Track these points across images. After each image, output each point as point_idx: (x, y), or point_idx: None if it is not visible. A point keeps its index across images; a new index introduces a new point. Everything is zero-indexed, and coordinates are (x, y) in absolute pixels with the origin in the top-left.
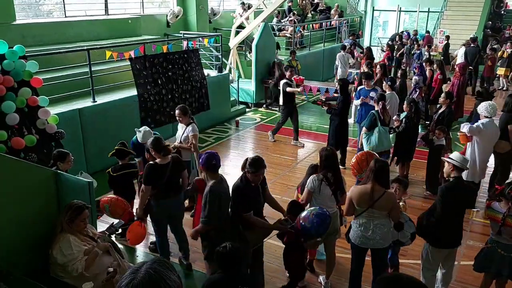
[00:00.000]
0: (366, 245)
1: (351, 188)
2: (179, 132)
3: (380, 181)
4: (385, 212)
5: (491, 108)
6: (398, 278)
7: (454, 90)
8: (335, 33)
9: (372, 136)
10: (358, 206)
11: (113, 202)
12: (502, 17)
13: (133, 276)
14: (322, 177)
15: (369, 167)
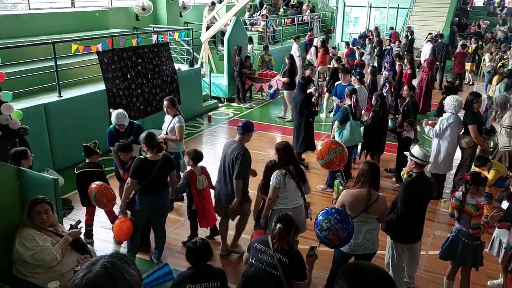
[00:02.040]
0: (356, 252)
1: (343, 192)
2: (165, 123)
3: (375, 185)
4: (377, 216)
5: (457, 104)
6: (362, 266)
7: (422, 85)
8: (306, 28)
9: (344, 130)
10: (351, 211)
11: (101, 190)
12: (468, 14)
13: (88, 269)
14: (285, 171)
15: (362, 170)
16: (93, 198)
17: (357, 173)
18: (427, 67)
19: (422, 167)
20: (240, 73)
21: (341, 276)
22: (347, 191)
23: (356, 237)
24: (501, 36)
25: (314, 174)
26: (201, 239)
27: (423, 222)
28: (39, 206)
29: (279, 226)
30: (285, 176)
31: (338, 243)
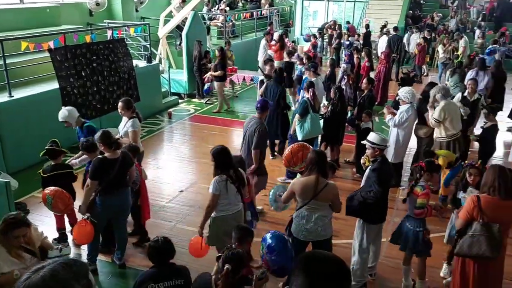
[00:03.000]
0: (308, 238)
1: (293, 180)
2: (121, 124)
3: (323, 172)
4: (327, 203)
5: (410, 94)
6: (315, 255)
7: (380, 77)
8: (266, 23)
9: (305, 123)
10: (301, 198)
11: (57, 195)
12: (421, 6)
13: (30, 274)
14: (226, 176)
15: (310, 158)
16: (48, 205)
17: (306, 162)
18: (384, 59)
19: (383, 151)
20: (200, 68)
21: (296, 266)
22: (296, 180)
23: (307, 223)
24: (453, 28)
25: (275, 165)
26: (163, 237)
27: (386, 203)
28: (18, 231)
29: (227, 268)
30: (226, 182)
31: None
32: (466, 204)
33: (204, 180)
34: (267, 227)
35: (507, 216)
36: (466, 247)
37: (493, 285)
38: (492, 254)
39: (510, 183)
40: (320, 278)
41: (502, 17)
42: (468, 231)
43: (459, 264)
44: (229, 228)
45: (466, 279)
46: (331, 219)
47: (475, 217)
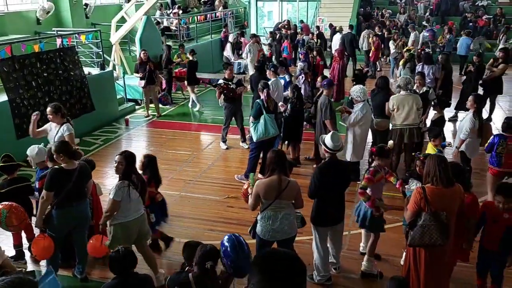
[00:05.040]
0: (275, 238)
1: (256, 182)
2: (51, 132)
3: (284, 171)
4: (291, 201)
5: (361, 93)
6: (271, 254)
7: (335, 74)
8: (221, 24)
9: (258, 124)
10: (265, 199)
11: (12, 210)
12: (371, 4)
13: None
14: (128, 182)
15: (270, 158)
16: (2, 221)
17: (266, 162)
18: (337, 56)
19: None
20: (169, 73)
21: (253, 266)
22: (259, 181)
23: (273, 224)
24: (403, 24)
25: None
26: (123, 248)
27: (343, 204)
28: None
29: (211, 265)
30: (129, 188)
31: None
32: (413, 196)
33: (166, 186)
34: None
35: (451, 203)
36: (418, 237)
37: (443, 270)
38: (442, 241)
39: (449, 171)
40: (275, 275)
41: (447, 11)
42: (418, 222)
43: (411, 252)
44: (131, 233)
45: (418, 266)
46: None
47: (423, 208)
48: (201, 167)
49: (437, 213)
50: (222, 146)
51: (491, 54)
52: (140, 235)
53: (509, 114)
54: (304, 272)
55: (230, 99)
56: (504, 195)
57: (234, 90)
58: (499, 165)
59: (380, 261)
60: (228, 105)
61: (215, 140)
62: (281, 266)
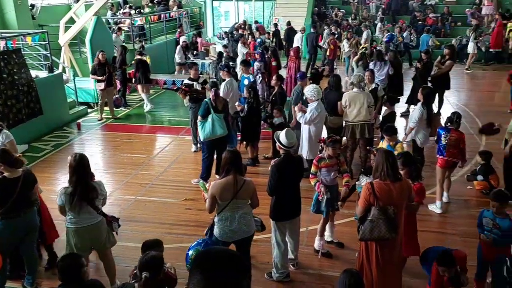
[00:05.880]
0: (233, 238)
1: (211, 184)
2: None
3: (240, 171)
4: (248, 200)
5: (315, 92)
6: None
7: (291, 73)
8: (176, 25)
9: (206, 123)
10: (222, 200)
11: None
12: (325, 3)
13: None
14: (71, 190)
15: (225, 159)
16: None
17: (221, 163)
18: (293, 55)
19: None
20: (123, 73)
21: (193, 266)
22: (215, 182)
23: (231, 224)
24: (356, 23)
25: (191, 169)
26: (71, 254)
27: (299, 198)
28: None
29: (145, 276)
30: (70, 196)
31: None
32: (363, 192)
33: (121, 190)
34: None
35: (399, 197)
36: (368, 232)
37: (395, 262)
38: (390, 235)
39: (396, 166)
40: (215, 275)
41: (398, 10)
42: (367, 217)
43: (363, 246)
44: (83, 240)
45: (370, 260)
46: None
47: (372, 203)
48: (158, 170)
49: (385, 208)
50: (192, 148)
51: (439, 51)
52: (97, 243)
53: (457, 108)
54: (246, 271)
55: (195, 99)
56: (498, 200)
57: (198, 90)
58: (442, 153)
59: (343, 248)
60: (194, 105)
61: (172, 142)
62: (222, 265)
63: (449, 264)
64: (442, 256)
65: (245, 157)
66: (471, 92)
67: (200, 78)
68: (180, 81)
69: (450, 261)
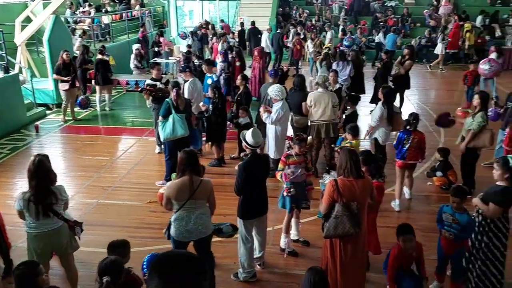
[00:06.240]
0: (189, 238)
1: (167, 184)
2: None
3: (196, 171)
4: (204, 200)
5: (280, 91)
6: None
7: (256, 73)
8: (138, 24)
9: (166, 124)
10: (177, 201)
11: None
12: (289, 4)
13: None
14: (30, 194)
15: (181, 159)
16: None
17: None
18: (258, 55)
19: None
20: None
21: (151, 270)
22: (170, 183)
23: (187, 224)
24: (319, 24)
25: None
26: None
27: (266, 196)
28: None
29: (106, 280)
30: (27, 202)
31: None
32: (327, 189)
33: (82, 194)
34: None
35: (362, 194)
36: (332, 228)
37: (357, 257)
38: (354, 230)
39: (360, 164)
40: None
41: (360, 11)
42: (331, 213)
43: (328, 244)
44: (43, 246)
45: (335, 256)
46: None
47: (336, 199)
48: (121, 173)
49: (349, 204)
50: (156, 150)
51: (400, 51)
52: (58, 249)
53: (418, 107)
54: (205, 272)
55: (159, 99)
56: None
57: (163, 89)
58: (403, 157)
59: (308, 246)
60: (157, 106)
61: (135, 144)
62: (180, 268)
63: (408, 231)
64: (402, 226)
65: (211, 158)
66: (431, 91)
67: (163, 79)
68: (143, 81)
69: (409, 230)
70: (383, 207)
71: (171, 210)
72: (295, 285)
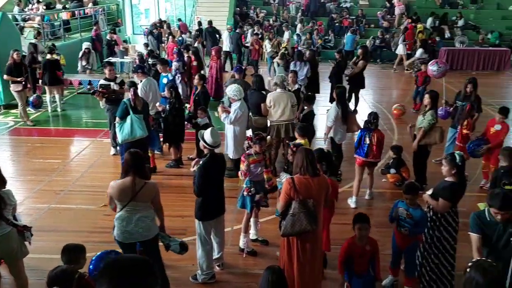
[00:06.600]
0: (130, 240)
1: (110, 183)
2: None
3: (140, 173)
4: (147, 203)
5: (237, 91)
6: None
7: (213, 73)
8: (91, 22)
9: (124, 125)
10: (120, 201)
11: None
12: (247, 4)
13: None
14: None
15: (125, 160)
16: None
17: None
18: (215, 55)
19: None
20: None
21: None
22: (112, 183)
23: (127, 225)
24: (277, 24)
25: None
26: None
27: (223, 196)
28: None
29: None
30: None
31: None
32: (284, 187)
33: (33, 199)
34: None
35: (318, 191)
36: (289, 226)
37: (315, 255)
38: (311, 227)
39: (315, 162)
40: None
41: (316, 12)
42: (288, 211)
43: (285, 242)
44: None
45: (292, 254)
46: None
47: (293, 197)
48: (74, 176)
49: (305, 201)
50: (111, 151)
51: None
52: (7, 255)
53: (373, 106)
54: (153, 275)
55: (113, 100)
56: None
57: (116, 91)
58: (365, 155)
59: (267, 246)
60: (111, 107)
61: (89, 146)
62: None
63: (364, 220)
64: (358, 215)
65: (169, 159)
66: (385, 91)
67: (117, 79)
68: (96, 81)
69: (365, 219)
70: (340, 204)
71: (116, 210)
72: (254, 285)
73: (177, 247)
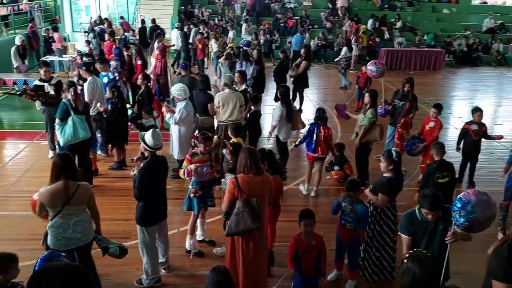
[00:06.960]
0: (70, 246)
1: (40, 190)
2: None
3: (72, 175)
4: (83, 205)
5: (182, 91)
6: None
7: (157, 72)
8: (26, 18)
9: (66, 126)
10: (52, 207)
11: None
12: (192, 2)
13: None
14: None
15: (54, 163)
16: None
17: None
18: (159, 54)
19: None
20: None
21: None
22: (43, 189)
23: (65, 232)
24: (223, 23)
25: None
26: None
27: (165, 199)
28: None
29: None
30: None
31: None
32: (228, 186)
33: None
34: None
35: (261, 189)
36: (234, 226)
37: (260, 254)
38: (255, 225)
39: (259, 161)
40: None
41: (262, 12)
42: (233, 211)
43: (230, 242)
44: None
45: (237, 254)
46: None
47: (237, 196)
48: (9, 180)
49: (249, 200)
50: (50, 154)
51: None
52: None
53: (317, 105)
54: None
55: (48, 103)
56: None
57: (47, 94)
58: (313, 151)
59: (214, 246)
60: (47, 108)
61: (25, 148)
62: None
63: (309, 216)
64: (304, 211)
65: (112, 161)
66: (328, 90)
67: (53, 79)
68: (32, 80)
69: (310, 215)
70: (286, 202)
71: (47, 218)
72: (201, 286)
73: (116, 249)
